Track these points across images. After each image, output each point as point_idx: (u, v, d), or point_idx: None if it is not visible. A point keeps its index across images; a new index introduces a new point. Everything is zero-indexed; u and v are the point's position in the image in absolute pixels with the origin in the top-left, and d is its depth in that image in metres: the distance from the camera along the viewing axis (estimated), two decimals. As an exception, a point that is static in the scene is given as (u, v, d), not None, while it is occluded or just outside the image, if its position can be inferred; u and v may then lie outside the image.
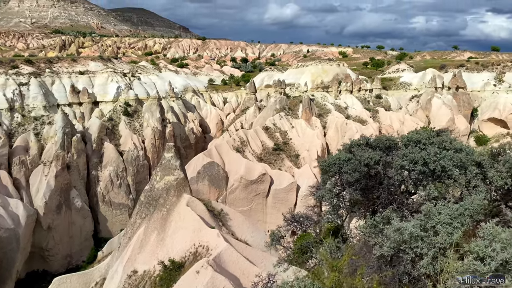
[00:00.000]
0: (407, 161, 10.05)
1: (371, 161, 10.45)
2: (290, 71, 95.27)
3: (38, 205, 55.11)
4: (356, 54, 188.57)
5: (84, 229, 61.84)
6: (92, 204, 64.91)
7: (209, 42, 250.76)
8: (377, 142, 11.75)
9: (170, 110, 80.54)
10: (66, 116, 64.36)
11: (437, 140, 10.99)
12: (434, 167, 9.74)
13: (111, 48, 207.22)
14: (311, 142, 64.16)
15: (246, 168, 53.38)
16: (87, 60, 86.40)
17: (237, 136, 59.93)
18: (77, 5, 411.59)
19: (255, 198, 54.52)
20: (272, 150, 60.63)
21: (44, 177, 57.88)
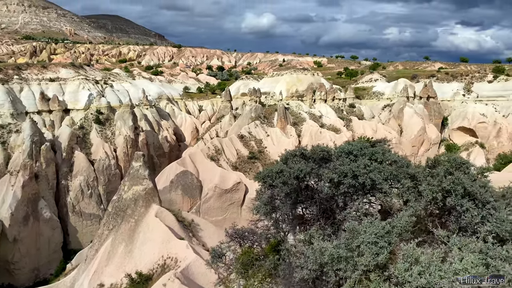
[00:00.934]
0: (337, 173, 9.31)
1: (301, 173, 9.65)
2: (265, 79, 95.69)
3: (4, 217, 52.90)
4: (331, 64, 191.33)
5: (53, 240, 59.74)
6: (61, 214, 62.87)
7: (184, 50, 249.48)
8: (312, 153, 11.13)
9: (143, 118, 79.29)
10: (34, 124, 62.36)
11: (369, 152, 10.40)
12: (364, 180, 9.00)
13: (84, 55, 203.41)
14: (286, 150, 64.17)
15: (221, 176, 52.81)
16: (58, 67, 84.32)
17: (211, 145, 59.40)
18: (49, 11, 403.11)
19: (230, 207, 53.90)
20: (247, 159, 60.37)
21: (11, 187, 55.72)
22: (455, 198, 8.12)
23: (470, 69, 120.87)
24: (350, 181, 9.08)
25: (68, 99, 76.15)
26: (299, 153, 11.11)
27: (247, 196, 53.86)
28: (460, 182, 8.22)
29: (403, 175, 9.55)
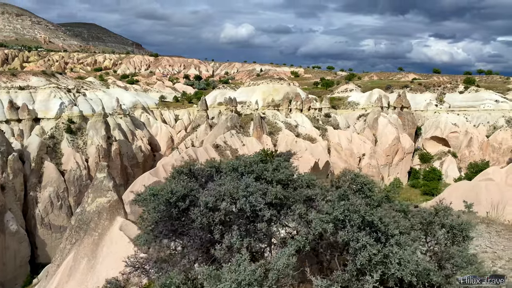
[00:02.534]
0: (213, 196, 7.22)
1: (173, 196, 7.42)
2: (242, 89, 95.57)
3: (-34, 230, 50.63)
4: (308, 74, 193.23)
5: (20, 254, 57.41)
6: (29, 227, 60.62)
7: (161, 59, 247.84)
8: (201, 169, 9.07)
9: (116, 127, 77.74)
10: (1, 133, 60.25)
11: (258, 168, 8.27)
12: (242, 205, 6.99)
13: (58, 63, 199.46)
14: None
15: (194, 187, 52.00)
16: (29, 75, 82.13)
17: (186, 154, 58.49)
18: (23, 18, 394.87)
19: (204, 218, 53.10)
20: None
21: (-26, 199, 53.44)
22: (349, 230, 6.21)
23: (443, 80, 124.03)
24: (227, 206, 7.02)
25: (39, 108, 74.07)
26: (186, 170, 8.86)
27: (222, 206, 53.25)
28: (356, 209, 6.38)
29: (297, 197, 7.58)
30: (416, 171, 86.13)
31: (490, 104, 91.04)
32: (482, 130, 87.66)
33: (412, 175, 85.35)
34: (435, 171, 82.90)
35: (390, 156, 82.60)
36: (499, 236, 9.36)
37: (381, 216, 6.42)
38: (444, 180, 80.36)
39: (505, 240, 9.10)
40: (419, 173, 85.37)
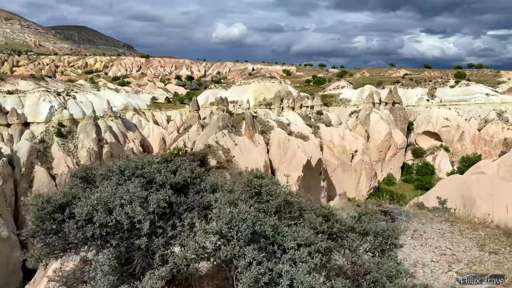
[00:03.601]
0: (88, 206, 5.37)
1: (48, 206, 5.75)
2: (233, 88, 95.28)
3: (-44, 237, 49.90)
4: (299, 72, 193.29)
5: (11, 260, 56.69)
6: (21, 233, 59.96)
7: (153, 60, 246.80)
8: (99, 173, 7.36)
9: (108, 129, 77.17)
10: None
11: (148, 171, 6.44)
12: (117, 216, 5.25)
13: (48, 66, 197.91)
14: (254, 159, 63.66)
15: (187, 188, 51.69)
16: (17, 79, 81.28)
17: (177, 155, 58.19)
18: (12, 22, 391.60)
19: (197, 219, 52.81)
20: (214, 168, 59.34)
21: (-37, 206, 52.73)
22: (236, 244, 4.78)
23: (434, 75, 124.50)
24: (101, 219, 5.23)
25: (28, 112, 73.24)
26: (81, 173, 7.27)
27: (215, 206, 52.97)
28: (243, 218, 4.94)
29: (194, 204, 6.02)
30: (409, 166, 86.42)
31: (481, 97, 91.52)
32: (473, 123, 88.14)
33: (405, 170, 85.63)
34: (428, 166, 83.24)
35: (382, 152, 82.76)
36: (462, 235, 8.78)
37: (277, 225, 5.09)
38: (437, 175, 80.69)
39: (468, 240, 8.52)
40: (412, 168, 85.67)
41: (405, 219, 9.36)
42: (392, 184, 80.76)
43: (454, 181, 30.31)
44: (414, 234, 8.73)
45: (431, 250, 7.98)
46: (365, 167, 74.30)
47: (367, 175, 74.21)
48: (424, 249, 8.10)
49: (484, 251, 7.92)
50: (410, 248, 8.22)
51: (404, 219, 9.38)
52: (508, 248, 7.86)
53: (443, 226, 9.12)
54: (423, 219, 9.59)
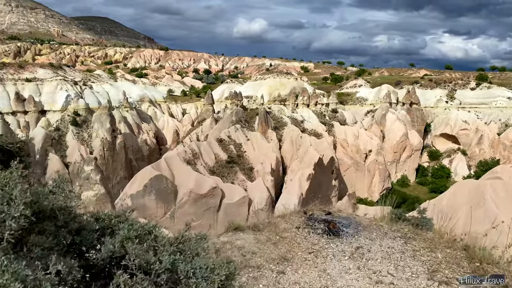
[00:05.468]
0: None
1: None
2: (248, 83, 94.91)
3: (-31, 221, 50.97)
4: (317, 69, 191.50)
5: (23, 245, 57.86)
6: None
7: (171, 53, 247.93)
8: None
9: (122, 120, 77.68)
10: (6, 124, 60.55)
11: None
12: None
13: (69, 56, 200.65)
14: (265, 155, 63.27)
15: (196, 181, 51.52)
16: (36, 67, 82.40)
17: (189, 148, 58.10)
18: (37, 11, 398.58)
19: (206, 213, 52.59)
20: (225, 163, 59.18)
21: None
22: None
23: (454, 76, 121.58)
24: None
25: (45, 100, 74.32)
26: None
27: (224, 201, 52.71)
28: None
29: None
30: (425, 168, 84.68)
31: (502, 101, 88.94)
32: (493, 127, 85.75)
33: (420, 172, 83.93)
34: (443, 169, 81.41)
35: (397, 153, 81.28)
36: (414, 257, 7.03)
37: None
38: (453, 178, 78.79)
39: (419, 264, 6.79)
40: (428, 170, 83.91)
41: (351, 233, 7.94)
42: (406, 186, 79.29)
43: (468, 186, 29.28)
44: (355, 252, 7.17)
45: (367, 275, 6.49)
46: (378, 168, 73.09)
47: (381, 175, 73.00)
48: (359, 273, 6.57)
49: (434, 280, 6.24)
50: (342, 271, 6.70)
51: (350, 232, 7.95)
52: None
53: (395, 244, 7.47)
54: (375, 233, 7.93)
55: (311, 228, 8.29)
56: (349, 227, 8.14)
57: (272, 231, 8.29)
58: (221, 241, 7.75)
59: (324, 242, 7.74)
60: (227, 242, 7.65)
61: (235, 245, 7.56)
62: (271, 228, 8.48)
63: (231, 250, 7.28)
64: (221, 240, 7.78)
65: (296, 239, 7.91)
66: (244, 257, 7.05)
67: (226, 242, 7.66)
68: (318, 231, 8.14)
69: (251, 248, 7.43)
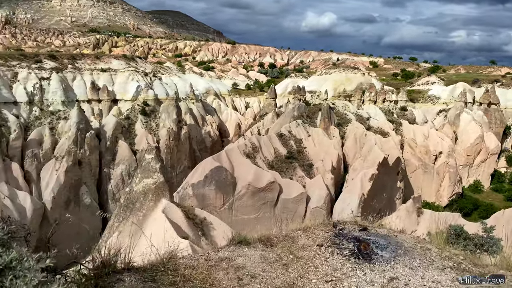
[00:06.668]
0: None
1: None
2: (313, 78, 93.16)
3: (46, 200, 55.08)
4: (387, 65, 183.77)
5: (93, 226, 61.33)
6: (102, 201, 64.63)
7: (238, 47, 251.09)
8: None
9: (188, 112, 79.81)
10: (81, 112, 64.49)
11: None
12: None
13: (142, 48, 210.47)
14: (326, 152, 61.72)
15: (255, 175, 51.51)
16: (110, 58, 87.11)
17: (249, 142, 58.22)
18: (115, 6, 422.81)
19: (263, 207, 52.52)
20: (284, 158, 58.58)
21: (55, 171, 57.92)
22: None
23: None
24: None
25: (117, 90, 78.30)
26: None
27: (281, 196, 52.23)
28: None
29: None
30: (501, 174, 78.02)
31: None
32: None
33: (496, 178, 77.39)
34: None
35: (471, 156, 75.59)
36: None
37: None
38: (534, 187, 71.90)
39: None
40: (505, 176, 77.25)
41: (387, 257, 6.16)
42: (478, 192, 73.54)
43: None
44: (387, 286, 5.53)
45: None
46: (449, 171, 68.45)
47: (451, 179, 68.32)
48: None
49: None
50: None
51: (386, 257, 6.16)
52: None
53: (443, 277, 5.63)
54: (418, 260, 6.10)
55: (337, 247, 6.64)
56: (386, 249, 6.50)
57: (286, 247, 6.72)
58: (218, 256, 6.21)
59: (350, 267, 6.04)
60: (225, 259, 6.12)
61: (234, 263, 6.00)
62: (286, 243, 6.91)
63: (226, 271, 5.67)
64: (219, 256, 6.24)
65: (314, 260, 6.29)
66: (239, 282, 5.42)
67: (224, 258, 6.15)
68: (345, 252, 6.47)
69: (253, 269, 5.86)
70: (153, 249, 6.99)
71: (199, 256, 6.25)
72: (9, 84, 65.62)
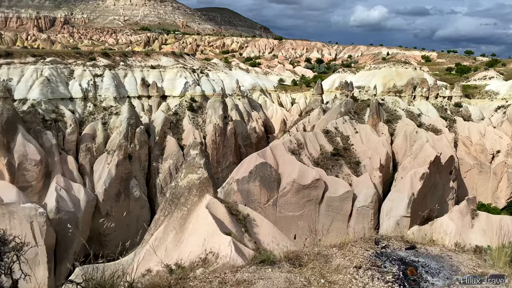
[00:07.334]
0: None
1: None
2: (361, 73, 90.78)
3: (99, 192, 57.49)
4: (441, 59, 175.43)
5: (141, 218, 63.48)
6: (150, 194, 66.59)
7: (285, 42, 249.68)
8: None
9: (234, 108, 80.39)
10: (132, 107, 66.67)
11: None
12: None
13: (190, 45, 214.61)
14: (374, 149, 59.88)
15: (300, 171, 50.95)
16: (160, 55, 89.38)
17: (294, 138, 57.65)
18: (165, 4, 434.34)
19: (307, 204, 51.88)
20: (330, 155, 57.46)
21: (107, 165, 60.35)
22: None
23: None
24: None
25: (166, 86, 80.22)
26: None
27: (326, 194, 51.32)
28: None
29: None
30: None
31: None
32: None
33: (562, 181, 71.73)
34: None
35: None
36: None
37: None
38: None
39: None
40: None
41: (440, 286, 5.08)
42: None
43: None
44: None
45: None
46: (507, 171, 64.32)
47: (509, 180, 64.20)
48: None
49: None
50: None
51: (439, 286, 5.10)
52: None
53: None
54: None
55: (378, 271, 5.61)
56: (438, 276, 5.40)
57: (317, 268, 5.68)
58: (236, 279, 5.45)
59: None
60: (243, 282, 5.28)
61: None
62: (318, 263, 5.88)
63: None
64: (237, 278, 5.47)
65: (349, 287, 5.28)
66: None
67: (242, 281, 5.31)
68: (388, 277, 5.39)
69: None
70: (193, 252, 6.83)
71: (213, 278, 5.52)
72: (66, 81, 69.07)
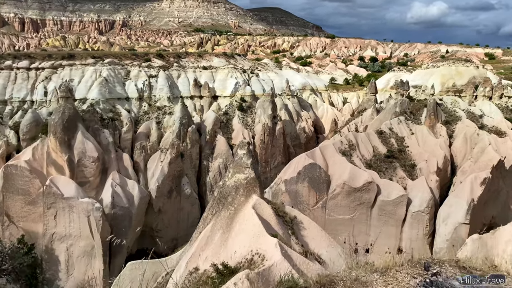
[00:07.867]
0: None
1: None
2: (418, 72, 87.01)
3: (152, 189, 59.35)
4: (506, 56, 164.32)
5: (191, 215, 64.85)
6: (200, 192, 67.83)
7: (337, 41, 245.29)
8: None
9: (283, 107, 79.97)
10: (184, 107, 68.23)
11: None
12: None
13: (242, 46, 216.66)
14: (431, 152, 56.98)
15: (351, 173, 49.47)
16: (212, 56, 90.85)
17: (345, 139, 56.17)
18: (218, 5, 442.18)
19: (358, 208, 50.30)
20: (384, 157, 55.36)
21: (160, 163, 62.16)
22: None
23: None
24: None
25: (217, 86, 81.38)
26: None
27: (379, 197, 49.46)
28: None
29: None
30: None
31: None
32: None
33: None
34: None
35: None
36: None
37: None
38: None
39: None
40: None
41: None
42: None
43: None
44: None
45: None
46: None
47: None
48: None
49: None
50: None
51: None
52: None
53: None
54: None
55: None
56: None
57: None
58: None
59: None
60: None
61: None
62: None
63: None
64: None
65: None
66: None
67: None
68: None
69: None
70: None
71: None
72: (122, 81, 72.01)
